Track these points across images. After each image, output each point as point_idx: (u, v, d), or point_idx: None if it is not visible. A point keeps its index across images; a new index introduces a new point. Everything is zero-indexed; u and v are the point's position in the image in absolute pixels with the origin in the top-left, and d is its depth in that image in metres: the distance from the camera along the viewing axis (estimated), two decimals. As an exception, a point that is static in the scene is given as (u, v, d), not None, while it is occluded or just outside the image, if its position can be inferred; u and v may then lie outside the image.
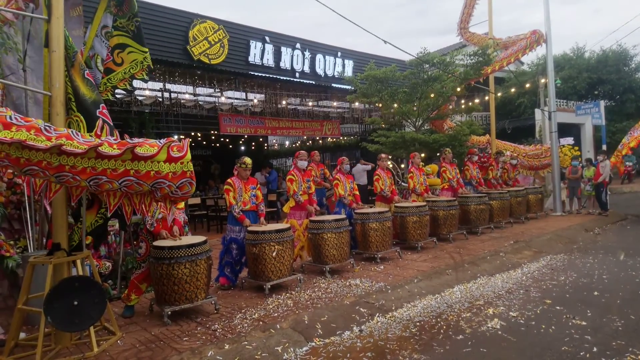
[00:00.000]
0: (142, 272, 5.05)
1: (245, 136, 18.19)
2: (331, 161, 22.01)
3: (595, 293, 5.33)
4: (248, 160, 6.03)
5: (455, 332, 4.31)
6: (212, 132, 13.55)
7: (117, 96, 10.97)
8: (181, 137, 3.41)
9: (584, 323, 4.36)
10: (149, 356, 3.84)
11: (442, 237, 8.46)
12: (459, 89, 11.26)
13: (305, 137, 19.45)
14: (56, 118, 4.01)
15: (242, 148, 21.48)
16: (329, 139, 18.78)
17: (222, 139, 19.87)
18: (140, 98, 11.50)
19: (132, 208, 3.35)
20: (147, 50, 5.66)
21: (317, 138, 18.97)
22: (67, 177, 2.96)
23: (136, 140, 3.15)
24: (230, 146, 21.01)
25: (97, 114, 3.97)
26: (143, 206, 3.31)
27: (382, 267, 6.72)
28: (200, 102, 12.38)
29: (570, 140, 13.30)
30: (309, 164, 9.51)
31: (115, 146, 3.03)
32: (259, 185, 6.26)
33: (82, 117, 4.18)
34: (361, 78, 11.64)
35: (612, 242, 8.46)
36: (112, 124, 4.26)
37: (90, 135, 3.28)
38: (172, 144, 3.17)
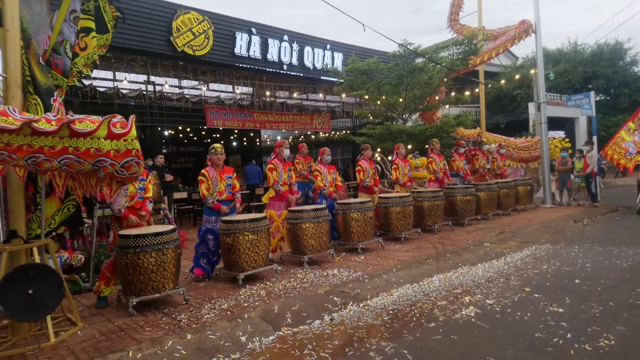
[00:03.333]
0: (111, 261, 4.92)
1: (236, 131, 18.01)
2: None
3: (577, 281, 5.20)
4: (218, 145, 5.91)
5: (428, 320, 4.18)
6: (200, 126, 13.35)
7: (100, 89, 10.84)
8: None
9: (561, 310, 4.23)
10: (107, 346, 3.70)
11: (427, 229, 8.34)
12: (445, 80, 11.10)
13: (296, 132, 19.31)
14: (12, 101, 3.86)
15: (234, 144, 21.35)
16: (321, 134, 18.62)
17: (214, 135, 19.71)
18: (124, 91, 11.35)
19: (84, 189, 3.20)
20: (100, 36, 5.53)
21: (309, 133, 18.82)
22: (2, 156, 2.81)
23: (77, 116, 3.00)
24: (222, 142, 20.82)
25: (51, 102, 3.81)
26: (90, 187, 3.15)
27: (362, 257, 6.59)
28: (186, 95, 12.22)
29: (561, 133, 13.16)
30: (297, 157, 9.40)
31: (53, 122, 2.88)
32: (235, 175, 6.12)
33: (39, 100, 4.04)
34: (347, 70, 11.48)
35: (600, 233, 8.34)
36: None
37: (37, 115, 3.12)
38: (114, 120, 3.01)
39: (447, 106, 12.78)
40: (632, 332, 3.61)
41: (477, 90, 13.84)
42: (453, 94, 12.98)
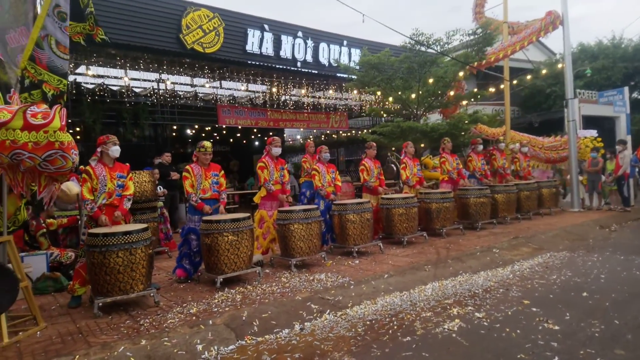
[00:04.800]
0: (86, 260, 4.79)
1: (255, 130, 17.89)
2: (345, 156, 21.47)
3: (584, 294, 4.66)
4: (207, 144, 5.69)
5: (404, 334, 3.80)
6: (217, 125, 13.25)
7: (113, 88, 10.91)
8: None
9: (556, 327, 3.75)
10: (57, 349, 3.54)
11: (436, 232, 7.87)
12: (461, 74, 10.50)
13: (315, 131, 19.02)
14: (-31, 94, 3.77)
15: (257, 143, 21.29)
16: (341, 133, 18.25)
17: (237, 134, 19.71)
18: (137, 90, 11.41)
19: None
20: (74, 24, 5.39)
21: (328, 131, 18.48)
22: None
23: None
24: (244, 141, 20.83)
25: (7, 99, 3.67)
26: (16, 182, 2.98)
27: (357, 261, 6.23)
28: (199, 94, 12.16)
29: (593, 132, 12.26)
30: (304, 155, 9.12)
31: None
32: (222, 172, 5.90)
33: (1, 94, 3.93)
34: (358, 64, 11.04)
35: (626, 240, 7.61)
36: None
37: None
38: (34, 110, 2.82)
39: (464, 102, 12.11)
40: (632, 357, 3.11)
41: (501, 86, 13.10)
42: (475, 90, 12.28)
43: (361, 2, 7.59)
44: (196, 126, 15.12)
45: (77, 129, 10.71)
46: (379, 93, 11.44)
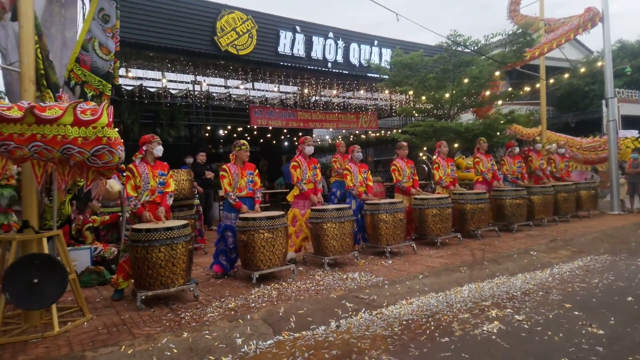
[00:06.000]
0: (129, 255, 4.96)
1: (285, 130, 18.05)
2: (374, 156, 21.35)
3: (629, 298, 4.51)
4: (245, 141, 5.81)
5: (442, 334, 3.77)
6: (248, 126, 13.45)
7: (151, 90, 11.22)
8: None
9: (601, 332, 3.65)
10: (103, 340, 3.68)
11: (471, 234, 7.75)
12: (497, 73, 10.28)
13: (344, 131, 19.01)
14: (25, 95, 3.96)
15: (286, 143, 21.47)
16: (371, 133, 18.18)
17: (267, 135, 19.95)
18: (173, 92, 11.71)
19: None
20: None
21: (357, 132, 18.45)
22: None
23: (49, 103, 2.97)
24: (274, 142, 21.03)
25: (56, 98, 3.85)
26: (64, 176, 3.11)
27: (390, 261, 6.21)
28: (232, 95, 12.38)
29: (634, 132, 11.80)
30: (334, 155, 9.15)
31: (22, 109, 2.86)
32: (257, 171, 6.00)
33: (52, 94, 4.13)
34: (390, 64, 10.98)
35: (673, 244, 7.31)
36: None
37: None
38: (83, 106, 2.94)
39: (499, 102, 11.87)
40: (684, 364, 3.00)
41: (537, 85, 12.78)
42: (510, 89, 12.01)
43: (389, 2, 7.55)
44: (228, 127, 15.36)
45: (116, 129, 11.06)
46: (410, 92, 11.34)
